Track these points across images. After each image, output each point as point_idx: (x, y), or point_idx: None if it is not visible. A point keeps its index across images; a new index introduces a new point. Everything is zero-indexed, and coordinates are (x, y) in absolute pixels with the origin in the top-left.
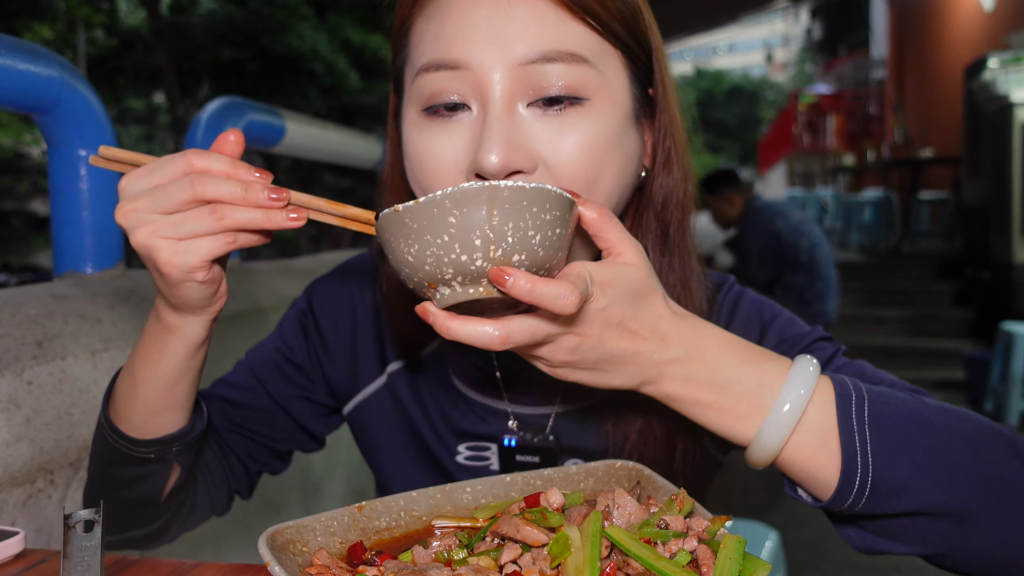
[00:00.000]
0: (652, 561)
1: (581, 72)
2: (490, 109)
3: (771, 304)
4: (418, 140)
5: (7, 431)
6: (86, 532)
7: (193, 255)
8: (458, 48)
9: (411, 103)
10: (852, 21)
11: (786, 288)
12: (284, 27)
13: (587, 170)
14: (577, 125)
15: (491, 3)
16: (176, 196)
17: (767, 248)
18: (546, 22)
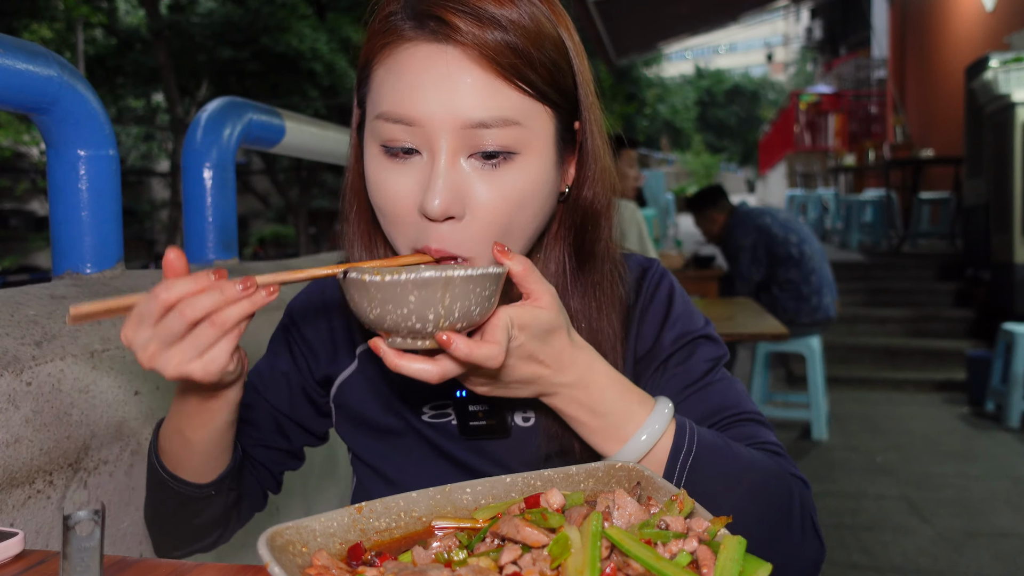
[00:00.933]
0: (652, 562)
1: (513, 133)
2: (437, 161)
3: (681, 296)
4: (379, 174)
5: (6, 432)
6: (85, 533)
7: (218, 361)
8: (412, 107)
9: (372, 136)
10: (853, 21)
11: (782, 286)
12: (284, 27)
13: (504, 218)
14: (506, 177)
15: (441, 69)
16: (176, 328)
17: (757, 243)
18: (486, 91)
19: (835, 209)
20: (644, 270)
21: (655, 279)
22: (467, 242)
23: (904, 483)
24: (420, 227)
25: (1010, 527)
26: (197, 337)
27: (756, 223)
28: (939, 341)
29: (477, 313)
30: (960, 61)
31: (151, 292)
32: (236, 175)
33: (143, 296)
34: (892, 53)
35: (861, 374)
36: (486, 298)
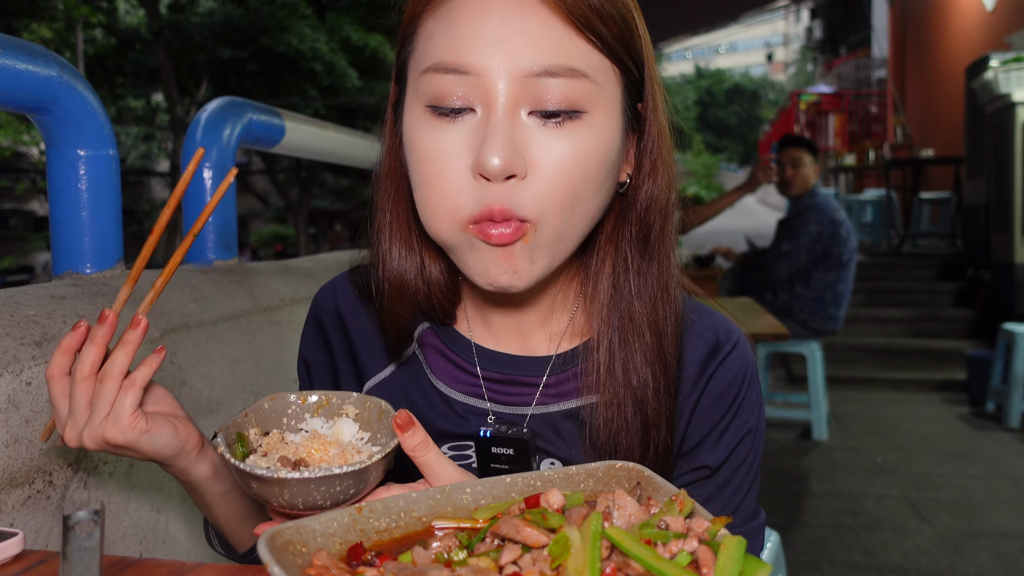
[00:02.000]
0: (652, 562)
1: (581, 87)
2: (494, 114)
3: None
4: (424, 136)
5: (6, 432)
6: (85, 533)
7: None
8: (468, 53)
9: (416, 98)
10: (853, 21)
11: (809, 285)
12: (284, 27)
13: (572, 180)
14: (572, 137)
15: (502, 13)
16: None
17: (825, 233)
18: (552, 37)
19: None
20: (719, 343)
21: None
22: (533, 202)
23: (904, 483)
24: (474, 192)
25: (1010, 527)
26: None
27: (832, 216)
28: (939, 341)
29: (329, 504)
30: (960, 61)
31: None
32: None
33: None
34: (892, 53)
35: (861, 374)
36: (339, 492)
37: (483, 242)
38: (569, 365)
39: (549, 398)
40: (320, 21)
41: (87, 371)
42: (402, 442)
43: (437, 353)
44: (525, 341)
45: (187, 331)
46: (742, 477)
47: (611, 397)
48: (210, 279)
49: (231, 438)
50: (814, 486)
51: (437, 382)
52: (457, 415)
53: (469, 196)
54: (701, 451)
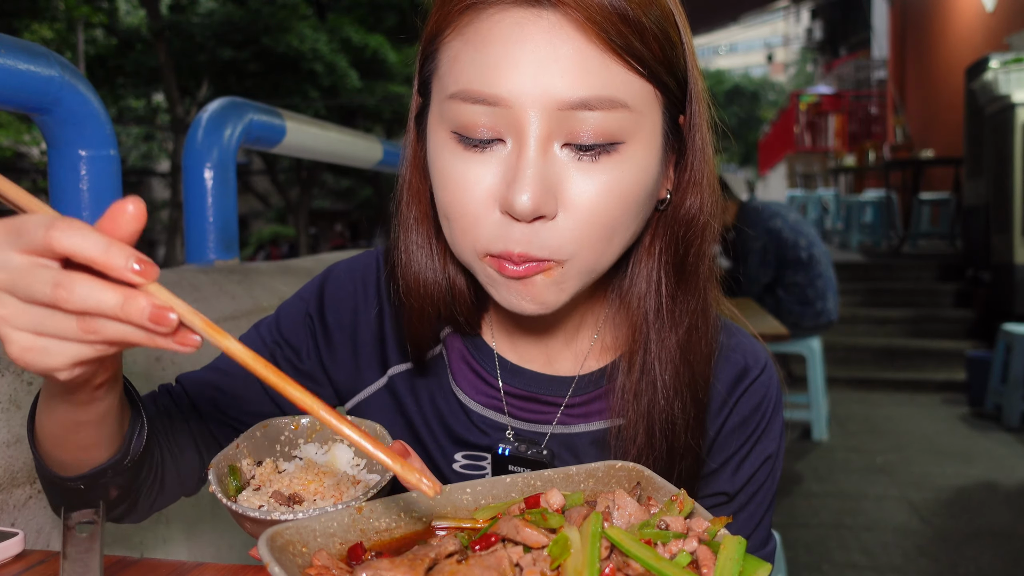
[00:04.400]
0: (652, 562)
1: (619, 118)
2: (525, 148)
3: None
4: (449, 164)
5: (7, 431)
6: (85, 533)
7: (51, 358)
8: (497, 83)
9: (441, 122)
10: (853, 21)
11: (787, 288)
12: (284, 27)
13: (609, 218)
14: (609, 172)
15: (535, 38)
16: (37, 290)
17: (767, 246)
18: (589, 65)
19: (835, 210)
20: (747, 367)
21: (761, 390)
22: (559, 243)
23: (904, 483)
24: (498, 228)
25: (1010, 527)
26: (51, 317)
27: (767, 225)
28: (939, 342)
29: None
30: (960, 61)
31: (50, 222)
32: (237, 175)
33: (42, 215)
34: (892, 54)
35: (861, 375)
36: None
37: (500, 275)
38: (593, 386)
39: (570, 418)
40: (320, 21)
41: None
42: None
43: (461, 360)
44: (550, 358)
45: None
46: (757, 504)
47: (636, 421)
48: (210, 279)
49: (223, 471)
50: (814, 486)
51: (457, 390)
52: (474, 426)
53: (491, 232)
54: (720, 477)
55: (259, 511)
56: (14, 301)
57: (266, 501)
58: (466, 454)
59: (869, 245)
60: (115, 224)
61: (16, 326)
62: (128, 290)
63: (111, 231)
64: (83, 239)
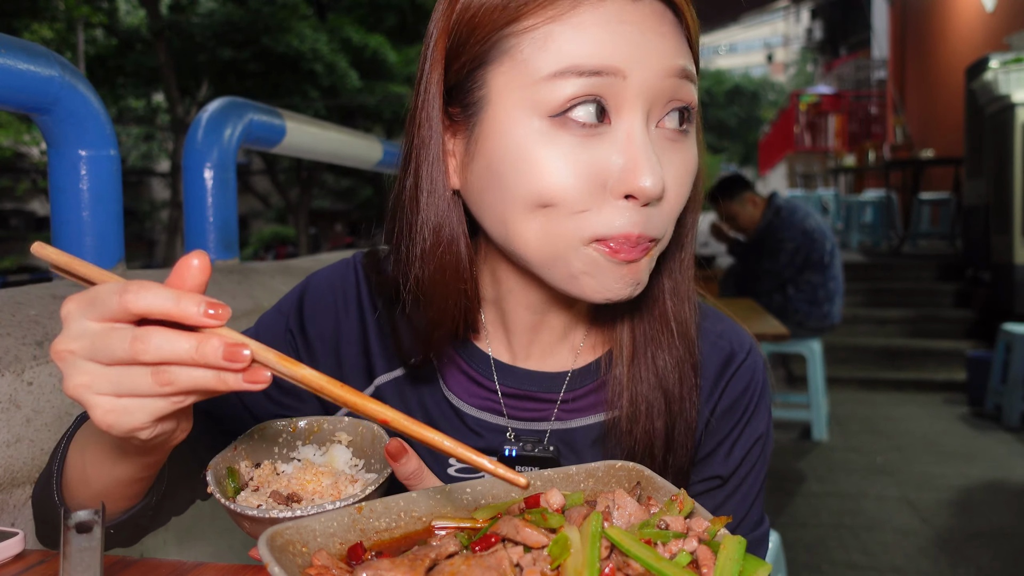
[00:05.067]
0: (652, 562)
1: (696, 94)
2: (639, 126)
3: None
4: (550, 152)
5: (7, 431)
6: (85, 533)
7: (132, 417)
8: (610, 55)
9: (531, 110)
10: (853, 21)
11: (800, 287)
12: (284, 27)
13: (683, 198)
14: (687, 152)
15: (639, 21)
16: (116, 350)
17: (800, 246)
18: (681, 44)
19: (835, 210)
20: (733, 352)
21: (748, 373)
22: (666, 222)
23: (904, 484)
24: (613, 212)
25: (1010, 527)
26: (128, 375)
27: (803, 226)
28: (939, 342)
29: None
30: (960, 61)
31: (122, 287)
32: (237, 175)
33: (114, 282)
34: (892, 54)
35: (861, 375)
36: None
37: (609, 260)
38: (589, 379)
39: (567, 413)
40: (321, 22)
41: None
42: (395, 471)
43: (452, 364)
44: (544, 354)
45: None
46: (750, 485)
47: (638, 401)
48: (210, 279)
49: (221, 473)
50: (814, 486)
51: (450, 395)
52: (469, 429)
53: (604, 216)
54: (713, 461)
55: (257, 510)
56: (94, 366)
57: (264, 501)
58: None
59: (869, 245)
60: (182, 279)
61: (97, 391)
62: (200, 334)
63: (179, 285)
64: (155, 296)
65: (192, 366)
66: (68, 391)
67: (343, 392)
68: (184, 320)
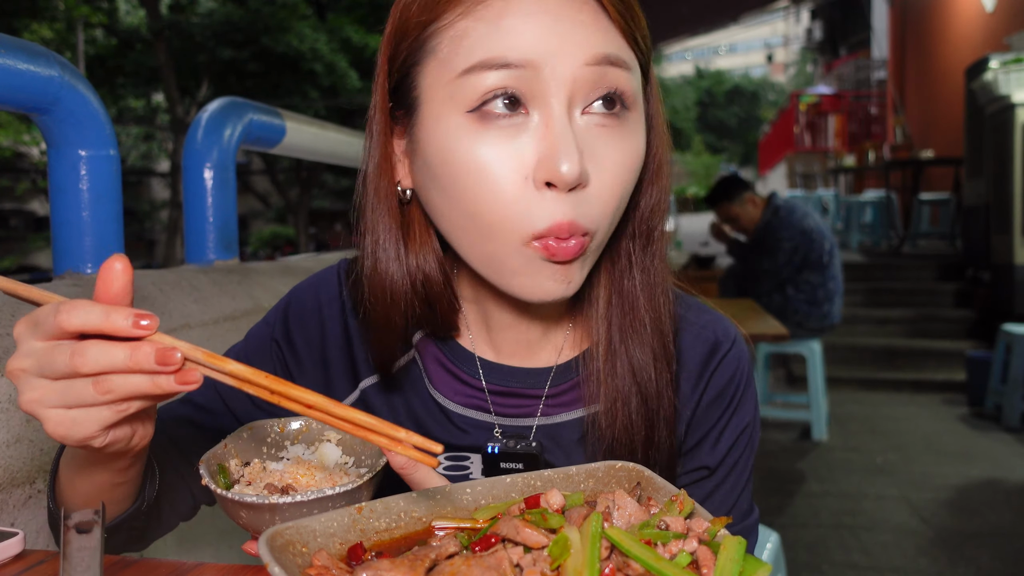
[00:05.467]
0: (652, 562)
1: (631, 80)
2: (556, 114)
3: (753, 393)
4: (470, 147)
5: (7, 431)
6: (85, 533)
7: (82, 427)
8: (523, 46)
9: (451, 105)
10: (853, 22)
11: (799, 287)
12: (284, 27)
13: (624, 186)
14: (624, 139)
15: (555, 10)
16: (59, 365)
17: (799, 246)
18: (605, 31)
19: (835, 210)
20: (718, 342)
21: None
22: (597, 212)
23: (904, 484)
24: (538, 204)
25: (1010, 527)
26: (73, 388)
27: (802, 226)
28: (939, 342)
29: None
30: (960, 62)
31: (56, 307)
32: (237, 175)
33: (51, 304)
34: (892, 54)
35: (861, 375)
36: None
37: (545, 259)
38: (573, 373)
39: (552, 408)
40: (320, 21)
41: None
42: (390, 460)
43: (437, 363)
44: (528, 351)
45: (188, 331)
46: (738, 475)
47: (614, 395)
48: (210, 279)
49: (212, 468)
50: (814, 486)
51: (436, 393)
52: (456, 427)
53: (533, 209)
54: (700, 451)
55: (255, 497)
56: (43, 382)
57: (259, 493)
58: (448, 455)
59: (869, 245)
60: (107, 283)
61: (47, 404)
62: (132, 342)
63: (105, 290)
64: (87, 313)
65: (129, 373)
66: (22, 406)
67: (267, 381)
68: (115, 333)
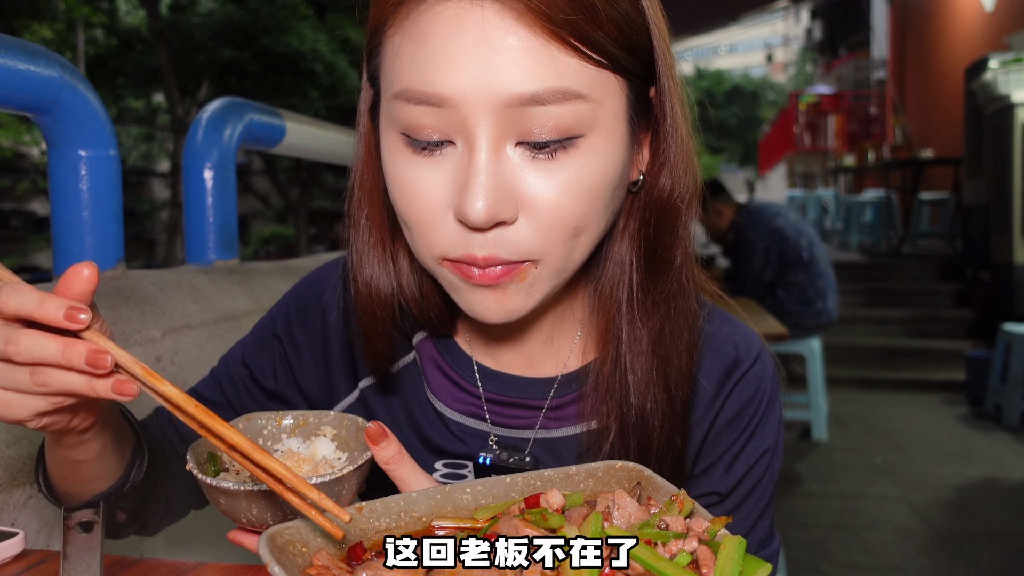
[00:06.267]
0: (652, 562)
1: (575, 110)
2: (476, 152)
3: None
4: (400, 169)
5: (7, 431)
6: (86, 532)
7: (14, 410)
8: (440, 81)
9: (389, 121)
10: (853, 21)
11: (788, 288)
12: (284, 27)
13: (572, 215)
14: (568, 168)
15: (477, 32)
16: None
17: (770, 246)
18: (536, 57)
19: (835, 210)
20: (738, 358)
21: (754, 382)
22: (526, 245)
23: (904, 483)
24: (457, 234)
25: (1009, 527)
26: (8, 373)
27: (770, 225)
28: (939, 342)
29: None
30: (960, 62)
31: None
32: (237, 175)
33: None
34: (892, 54)
35: (861, 375)
36: None
37: (463, 281)
38: (575, 386)
39: (552, 421)
40: (320, 21)
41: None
42: (375, 454)
43: (435, 367)
44: (529, 360)
45: (188, 331)
46: (754, 502)
47: (609, 421)
48: (211, 279)
49: (202, 457)
50: (814, 486)
51: (433, 399)
52: (452, 434)
53: (449, 238)
54: (711, 476)
55: (232, 483)
56: None
57: (242, 482)
58: (446, 463)
59: (869, 245)
60: (67, 285)
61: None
62: (69, 339)
63: (63, 290)
64: (22, 298)
65: (62, 369)
66: None
67: (196, 411)
68: (45, 321)
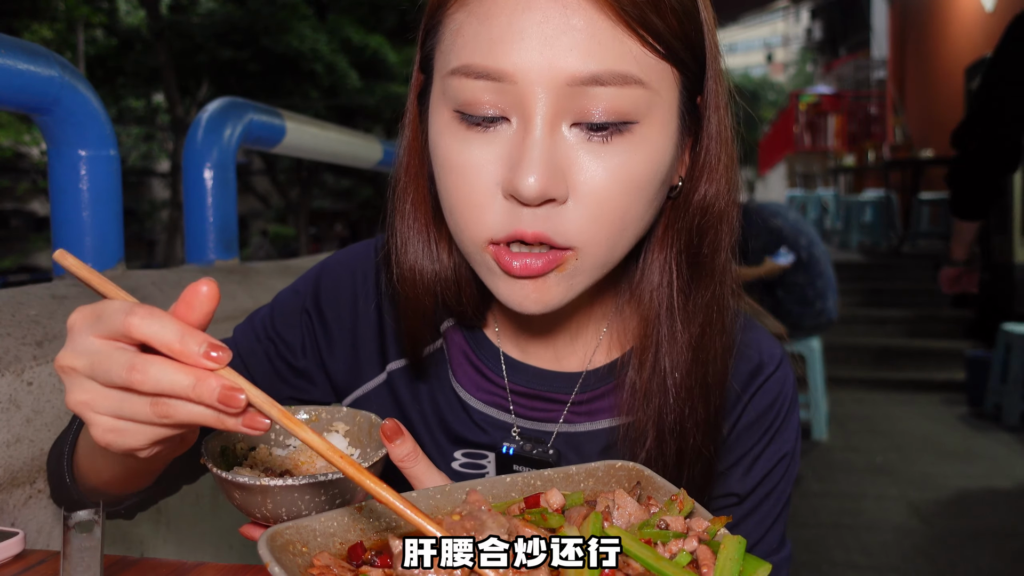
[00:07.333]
0: (652, 562)
1: (633, 95)
2: (532, 128)
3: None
4: (451, 146)
5: (7, 431)
6: (86, 532)
7: (131, 438)
8: (502, 56)
9: (443, 99)
10: (853, 21)
11: (787, 289)
12: (284, 27)
13: (619, 205)
14: (621, 154)
15: (544, 10)
16: (114, 374)
17: (768, 245)
18: (601, 37)
19: (835, 210)
20: (762, 363)
21: (776, 387)
22: (573, 230)
23: (904, 483)
24: (505, 215)
25: (1010, 527)
26: (128, 401)
27: (768, 225)
28: (938, 341)
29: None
30: (960, 61)
31: (129, 308)
32: (237, 175)
33: (124, 301)
34: (892, 54)
35: (861, 374)
36: (324, 502)
37: (502, 272)
38: (602, 382)
39: (577, 416)
40: (320, 22)
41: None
42: (390, 452)
43: (462, 356)
44: (556, 353)
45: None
46: (770, 506)
47: (646, 423)
48: None
49: (215, 449)
50: (814, 486)
51: (458, 387)
52: (475, 424)
53: (497, 217)
54: (730, 478)
55: (247, 478)
56: (94, 386)
57: (257, 476)
58: (466, 452)
59: (869, 245)
60: (190, 307)
61: (97, 410)
62: (200, 372)
63: (185, 313)
64: (161, 327)
65: (189, 401)
66: (69, 406)
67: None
68: (185, 360)
